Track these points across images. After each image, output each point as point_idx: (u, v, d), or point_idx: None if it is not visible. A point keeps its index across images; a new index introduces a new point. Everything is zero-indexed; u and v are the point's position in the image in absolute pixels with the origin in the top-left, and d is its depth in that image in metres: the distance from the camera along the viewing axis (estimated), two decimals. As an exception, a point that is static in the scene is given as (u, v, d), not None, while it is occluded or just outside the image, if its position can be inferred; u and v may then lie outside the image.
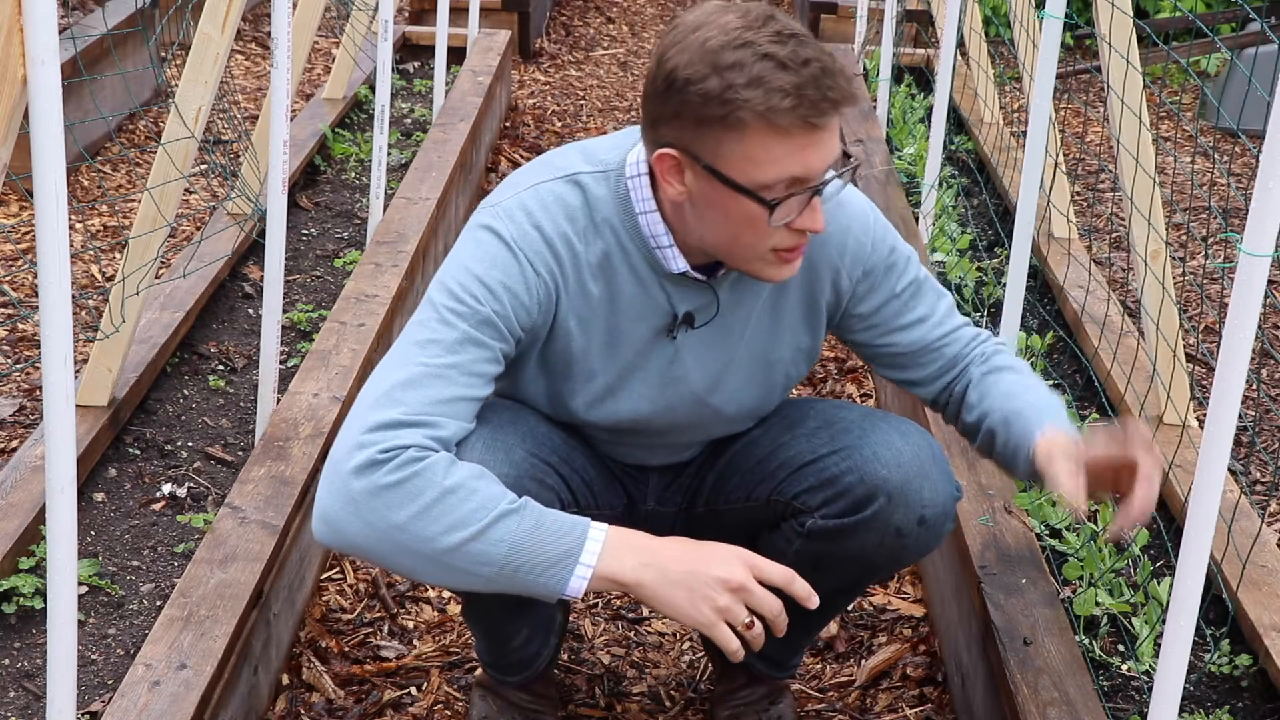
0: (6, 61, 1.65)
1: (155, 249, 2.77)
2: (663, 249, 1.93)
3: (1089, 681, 2.12)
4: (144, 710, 2.04)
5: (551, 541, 1.75)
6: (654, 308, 1.98)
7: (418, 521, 1.74)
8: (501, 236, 1.89)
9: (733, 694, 2.42)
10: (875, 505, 2.00)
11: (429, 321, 1.86)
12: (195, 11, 2.91)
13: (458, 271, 1.88)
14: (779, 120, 1.72)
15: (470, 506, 1.75)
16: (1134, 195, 2.96)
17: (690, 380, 2.05)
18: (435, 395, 1.82)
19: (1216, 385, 1.65)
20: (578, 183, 1.93)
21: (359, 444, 1.77)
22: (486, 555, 1.74)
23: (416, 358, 1.83)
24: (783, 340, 2.07)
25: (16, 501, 2.52)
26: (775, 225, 1.80)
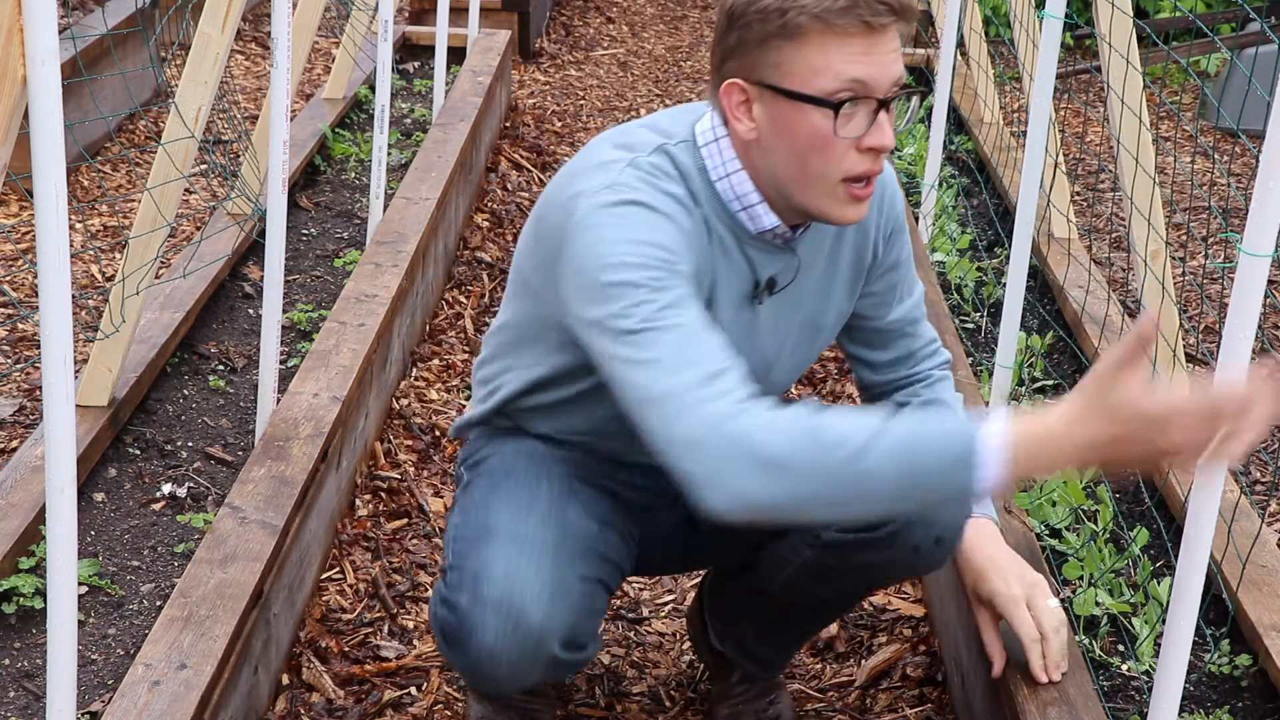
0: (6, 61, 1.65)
1: (155, 249, 2.77)
2: (752, 207, 1.89)
3: (1089, 681, 2.12)
4: (144, 710, 2.04)
5: (947, 441, 1.62)
6: (738, 275, 1.94)
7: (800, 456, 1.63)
8: (641, 202, 1.80)
9: (729, 692, 2.42)
10: (894, 524, 2.00)
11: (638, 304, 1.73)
12: (195, 11, 2.91)
13: (616, 247, 1.75)
14: (836, 20, 1.72)
15: (844, 426, 1.63)
16: (1134, 195, 2.96)
17: (764, 348, 2.02)
18: (711, 343, 1.73)
19: (1216, 385, 1.64)
20: (666, 152, 1.89)
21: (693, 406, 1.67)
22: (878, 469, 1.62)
23: (660, 330, 1.72)
24: (832, 305, 2.07)
25: (16, 501, 2.52)
26: (844, 137, 1.77)
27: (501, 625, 1.91)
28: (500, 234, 4.72)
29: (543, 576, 1.92)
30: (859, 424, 1.64)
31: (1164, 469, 1.64)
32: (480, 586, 1.92)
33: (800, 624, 2.34)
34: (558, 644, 1.93)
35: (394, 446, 3.35)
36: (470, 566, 1.95)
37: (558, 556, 1.94)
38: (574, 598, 1.94)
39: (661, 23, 8.08)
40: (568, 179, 1.91)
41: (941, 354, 2.23)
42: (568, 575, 1.94)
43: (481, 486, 2.08)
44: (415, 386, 3.65)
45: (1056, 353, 3.50)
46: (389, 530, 3.02)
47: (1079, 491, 2.67)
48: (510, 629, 1.91)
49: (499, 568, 1.92)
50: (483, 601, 1.91)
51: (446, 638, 1.98)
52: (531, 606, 1.90)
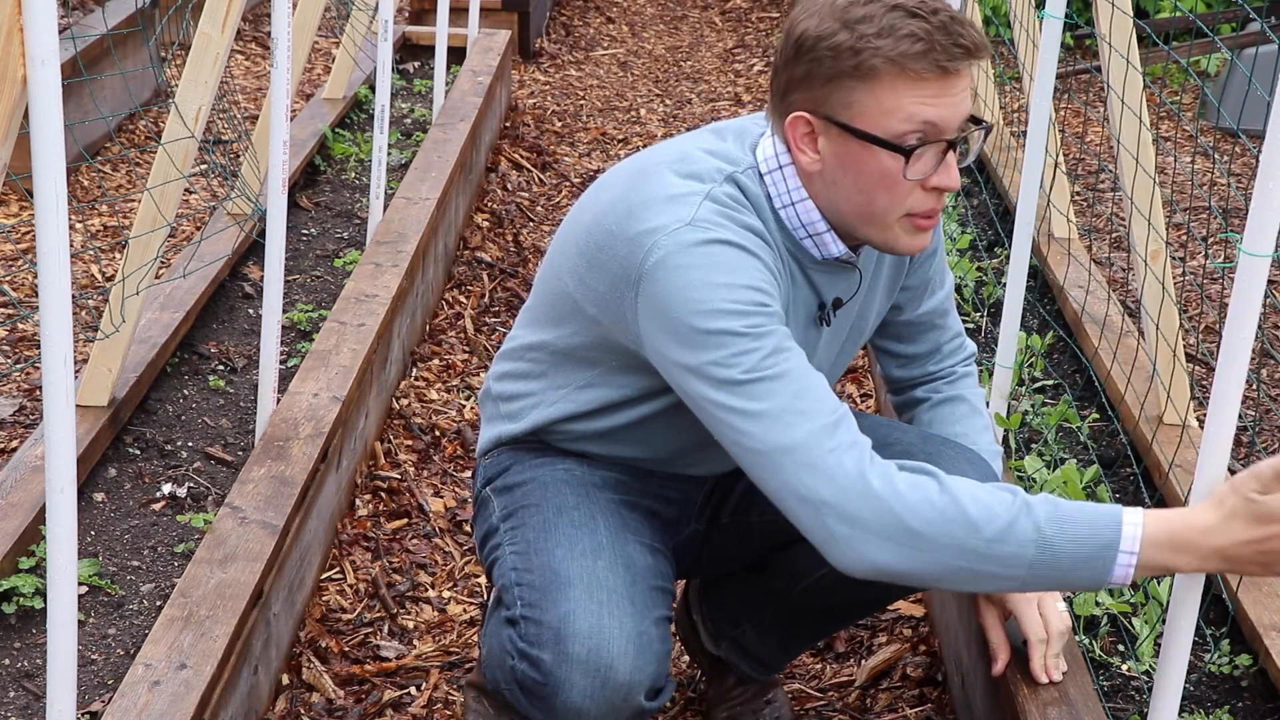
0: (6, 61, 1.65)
1: (155, 249, 2.77)
2: (819, 235, 1.89)
3: (1089, 681, 2.12)
4: (144, 710, 2.04)
5: (1086, 535, 1.67)
6: (803, 298, 1.95)
7: (936, 529, 1.68)
8: (728, 241, 1.78)
9: (726, 694, 2.42)
10: None
11: (744, 353, 1.74)
12: (195, 11, 2.91)
13: (712, 292, 1.75)
14: (911, 65, 1.71)
15: (982, 505, 1.69)
16: (1134, 195, 2.95)
17: (824, 362, 2.03)
18: (821, 386, 1.76)
19: (1216, 385, 1.64)
20: (734, 181, 1.86)
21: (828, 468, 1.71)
22: (1017, 557, 1.68)
23: (770, 380, 1.74)
24: (874, 307, 2.08)
25: (16, 501, 2.52)
26: (911, 179, 1.77)
27: (590, 683, 1.86)
28: (500, 234, 4.72)
29: (626, 630, 1.87)
30: (1001, 502, 1.68)
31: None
32: (565, 644, 1.86)
33: (810, 628, 2.34)
34: (643, 695, 1.90)
35: (394, 446, 3.35)
36: (549, 621, 1.89)
37: (635, 603, 1.91)
38: (655, 646, 1.91)
39: (661, 23, 8.08)
40: (634, 209, 1.83)
41: (966, 348, 2.24)
42: (645, 622, 1.90)
43: (534, 525, 2.02)
44: (415, 386, 3.65)
45: (1056, 353, 3.50)
46: (389, 530, 3.02)
47: (1079, 491, 2.67)
48: (599, 686, 1.86)
49: (583, 623, 1.87)
50: (569, 659, 1.86)
51: (528, 692, 1.92)
52: (619, 662, 1.86)
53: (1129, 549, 1.66)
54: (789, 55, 1.79)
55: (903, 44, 1.71)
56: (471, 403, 3.61)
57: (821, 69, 1.75)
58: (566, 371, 2.03)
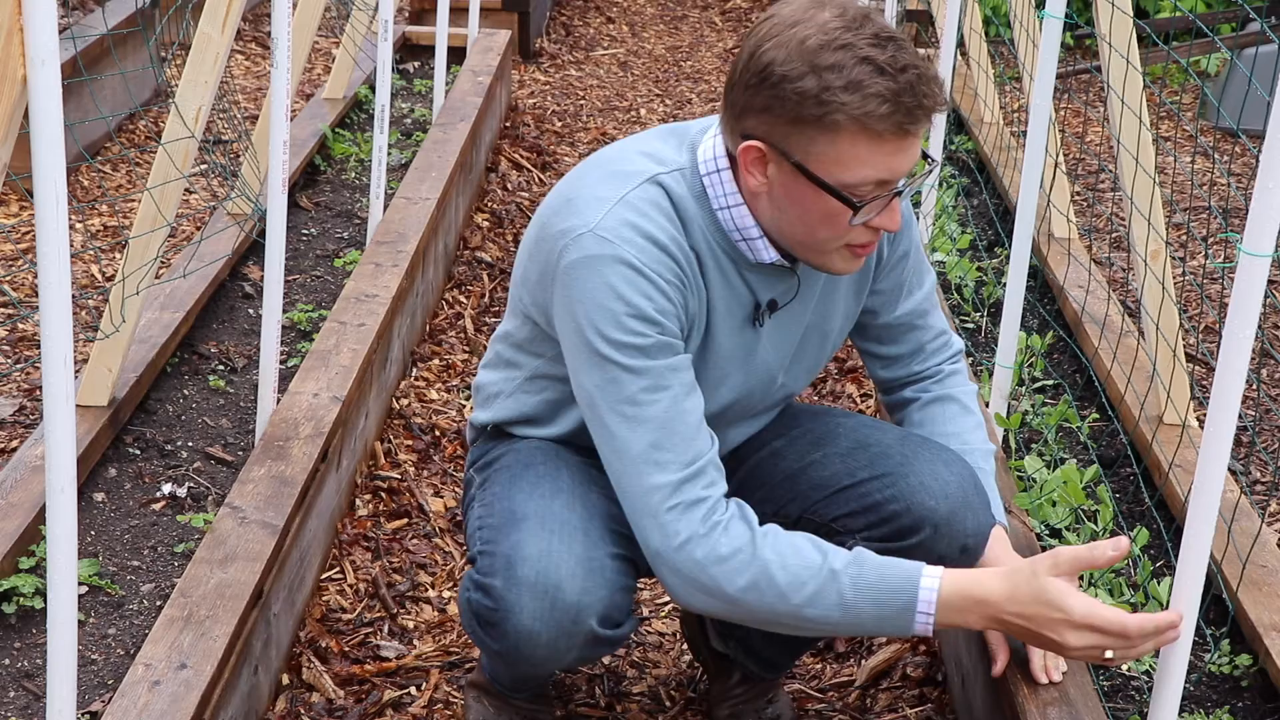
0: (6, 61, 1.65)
1: (155, 249, 2.77)
2: (751, 240, 1.93)
3: (1089, 681, 2.12)
4: (144, 710, 2.04)
5: (885, 599, 1.86)
6: (738, 300, 1.98)
7: (749, 594, 1.86)
8: (626, 261, 1.85)
9: (728, 693, 2.42)
10: (921, 535, 2.02)
11: (618, 379, 1.87)
12: (195, 11, 2.91)
13: (602, 317, 1.86)
14: (874, 125, 1.74)
15: (791, 574, 1.86)
16: (1134, 195, 2.95)
17: (769, 363, 2.06)
18: (684, 435, 1.88)
19: (1216, 385, 1.65)
20: (659, 183, 1.92)
21: (663, 525, 1.87)
22: (824, 618, 1.87)
23: (640, 417, 1.88)
24: (838, 310, 2.10)
25: (16, 501, 2.52)
26: (856, 224, 1.82)
27: (538, 605, 1.92)
28: (500, 234, 4.72)
29: (575, 553, 1.94)
30: (809, 568, 1.86)
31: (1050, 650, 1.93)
32: (515, 568, 1.94)
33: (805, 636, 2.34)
34: (595, 620, 1.94)
35: (394, 446, 3.35)
36: (502, 550, 1.96)
37: (588, 534, 1.97)
38: (608, 573, 1.96)
39: (661, 23, 8.08)
40: (560, 206, 1.93)
41: (952, 345, 2.25)
42: (599, 552, 1.96)
43: (501, 480, 2.10)
44: (415, 386, 3.65)
45: (1056, 353, 3.50)
46: (389, 530, 3.02)
47: (1079, 491, 2.67)
48: (548, 608, 1.92)
49: (532, 548, 1.94)
50: (518, 582, 1.93)
51: (482, 621, 1.99)
52: (567, 582, 1.92)
53: (925, 610, 1.85)
54: (750, 81, 1.80)
55: (869, 103, 1.73)
56: (472, 402, 3.61)
57: (784, 108, 1.78)
58: (521, 361, 2.12)
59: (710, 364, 2.02)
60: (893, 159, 1.78)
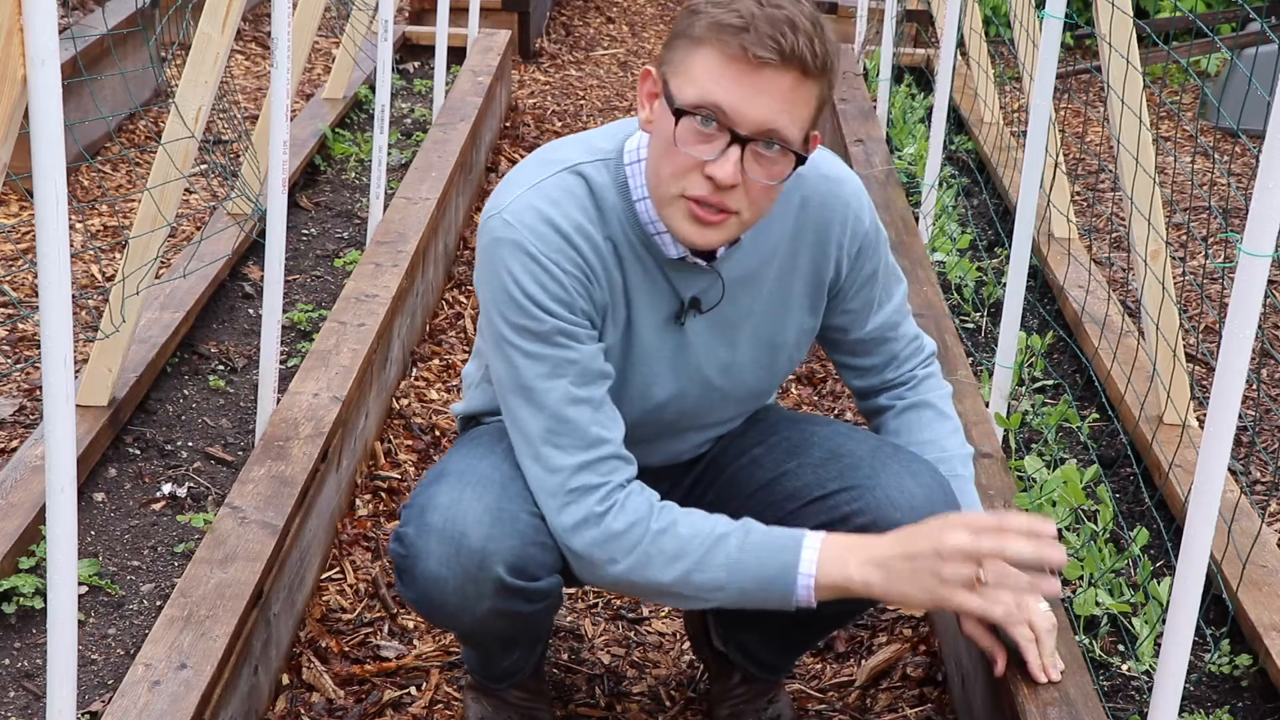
0: (6, 61, 1.65)
1: (155, 249, 2.77)
2: (661, 234, 1.94)
3: (1089, 681, 2.12)
4: (144, 710, 2.04)
5: (768, 559, 1.88)
6: (661, 295, 1.98)
7: (641, 566, 1.90)
8: (525, 249, 1.87)
9: (729, 693, 2.42)
10: None
11: (516, 363, 1.91)
12: (195, 11, 2.91)
13: (506, 300, 1.89)
14: (723, 37, 1.73)
15: (681, 541, 1.90)
16: (1134, 195, 2.95)
17: (701, 365, 2.05)
18: (581, 421, 1.91)
19: (1216, 385, 1.65)
20: (579, 172, 1.93)
21: (561, 506, 1.92)
22: (712, 581, 1.89)
23: (538, 401, 1.92)
24: (790, 322, 2.08)
25: (16, 501, 2.52)
26: (684, 151, 1.78)
27: (444, 549, 1.94)
28: (500, 234, 4.72)
29: (485, 502, 1.95)
30: (698, 534, 1.90)
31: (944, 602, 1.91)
32: (425, 516, 1.97)
33: (807, 633, 2.34)
34: (503, 568, 1.94)
35: (394, 446, 3.35)
36: (418, 501, 2.00)
37: (505, 490, 1.98)
38: (519, 524, 1.95)
39: (661, 23, 8.07)
40: (500, 185, 1.98)
41: (924, 348, 2.23)
42: (513, 505, 1.96)
43: (449, 452, 2.15)
44: (415, 386, 3.65)
45: (1056, 353, 3.50)
46: (389, 530, 3.02)
47: (1079, 491, 2.67)
48: (453, 553, 1.94)
49: (444, 498, 1.97)
50: (427, 529, 1.96)
51: (398, 571, 2.03)
52: (473, 528, 1.93)
53: (809, 562, 1.87)
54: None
55: (727, 16, 1.73)
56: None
57: (675, 26, 1.82)
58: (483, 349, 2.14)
59: (637, 360, 2.02)
60: (736, 87, 1.74)
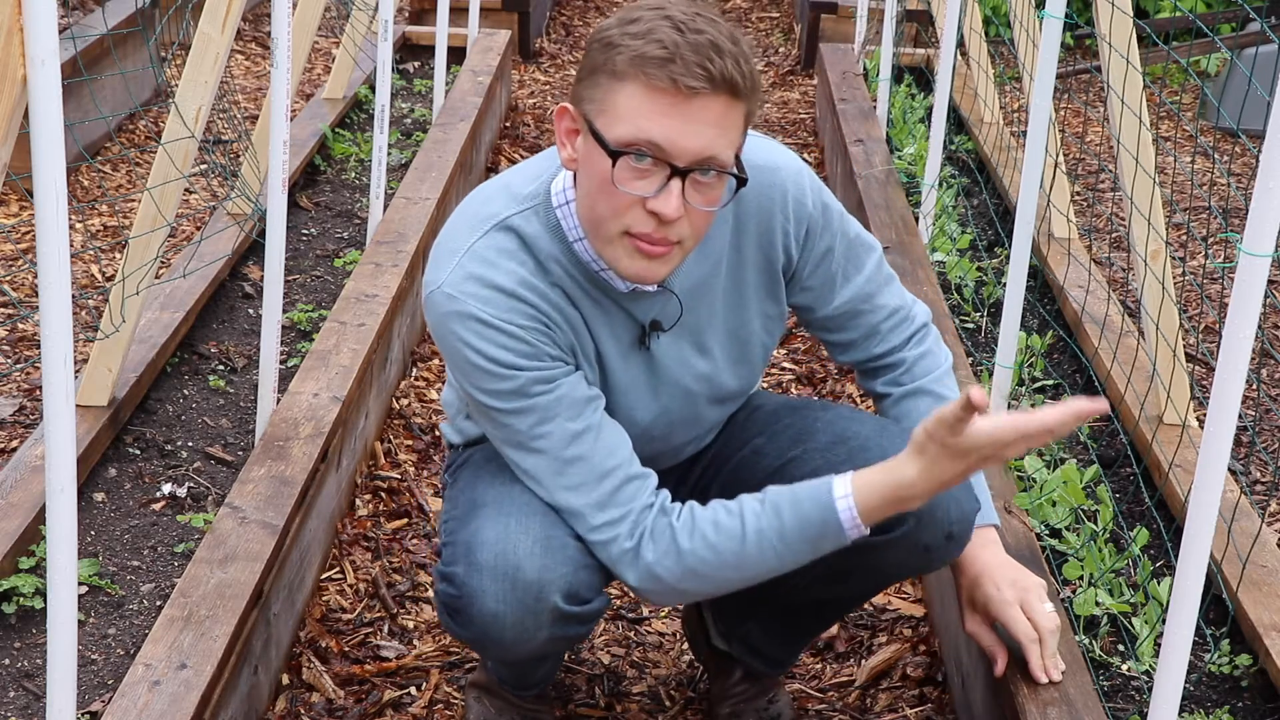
0: (6, 61, 1.65)
1: (155, 249, 2.77)
2: (605, 271, 1.92)
3: (1089, 681, 2.12)
4: (144, 710, 2.04)
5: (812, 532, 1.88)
6: (620, 324, 1.98)
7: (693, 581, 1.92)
8: (473, 315, 1.86)
9: (729, 691, 2.42)
10: (904, 527, 2.00)
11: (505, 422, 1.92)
12: (195, 11, 2.91)
13: (470, 372, 1.89)
14: (649, 70, 1.70)
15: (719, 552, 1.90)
16: (1134, 195, 2.95)
17: (678, 380, 2.05)
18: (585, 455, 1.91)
19: (1216, 385, 1.65)
20: (509, 227, 1.90)
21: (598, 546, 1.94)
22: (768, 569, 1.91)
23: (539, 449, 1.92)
24: (750, 312, 2.06)
25: (16, 501, 2.52)
26: (623, 190, 1.76)
27: (499, 587, 1.93)
28: (500, 234, 4.71)
29: (533, 533, 1.94)
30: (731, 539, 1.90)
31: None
32: (474, 554, 1.95)
33: (810, 621, 2.34)
34: (559, 596, 1.94)
35: (394, 446, 3.35)
36: (462, 539, 1.98)
37: (547, 514, 1.96)
38: (569, 551, 1.95)
39: (661, 23, 8.07)
40: (431, 253, 1.95)
41: (913, 321, 2.18)
42: (559, 531, 1.96)
43: (466, 476, 2.12)
44: (415, 386, 3.65)
45: (1056, 353, 3.50)
46: (389, 530, 3.02)
47: (1079, 491, 2.67)
48: (509, 588, 1.92)
49: (489, 533, 1.95)
50: (479, 568, 1.94)
51: (450, 611, 2.00)
52: (526, 561, 1.92)
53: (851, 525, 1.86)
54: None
55: (650, 48, 1.70)
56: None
57: (589, 61, 1.78)
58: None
59: (614, 391, 2.01)
60: (667, 119, 1.71)
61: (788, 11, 8.01)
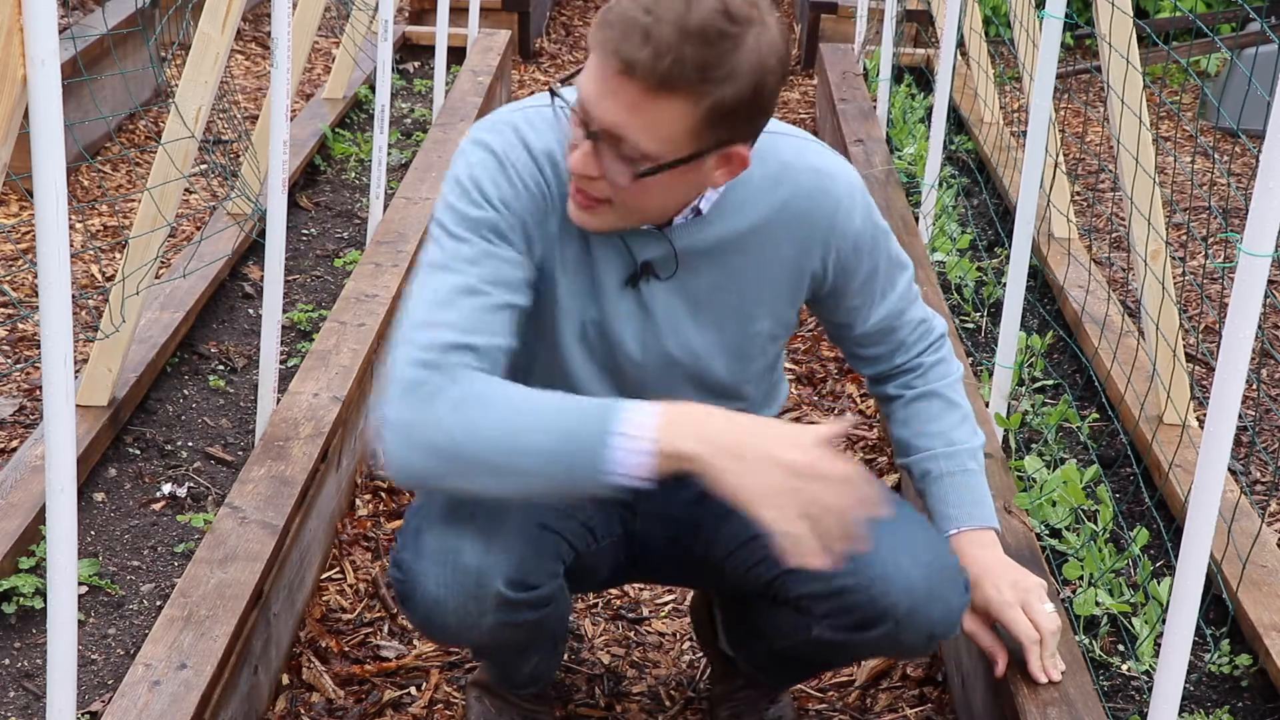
0: (6, 61, 1.65)
1: (155, 249, 2.77)
2: None
3: (1089, 681, 2.12)
4: (144, 710, 2.04)
5: (590, 415, 1.74)
6: (618, 253, 1.94)
7: (460, 428, 1.75)
8: (490, 148, 1.87)
9: (732, 695, 2.42)
10: (884, 628, 1.97)
11: (441, 240, 1.86)
12: (195, 11, 2.92)
13: (454, 187, 1.88)
14: (599, 29, 1.71)
15: (507, 405, 1.76)
16: (1134, 195, 2.96)
17: (661, 336, 2.00)
18: (472, 310, 1.81)
19: (1216, 385, 1.65)
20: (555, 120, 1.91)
21: (402, 373, 1.78)
22: (533, 445, 1.73)
23: (442, 280, 1.83)
24: (763, 311, 2.03)
25: (16, 501, 2.52)
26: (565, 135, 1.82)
27: (440, 571, 1.93)
28: (500, 234, 4.72)
29: (478, 524, 1.94)
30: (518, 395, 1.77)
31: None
32: (420, 539, 1.96)
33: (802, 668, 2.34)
34: (501, 582, 1.93)
35: (394, 446, 3.34)
36: (413, 525, 2.00)
37: (500, 512, 1.96)
38: (513, 537, 1.95)
39: (661, 23, 8.07)
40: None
41: (933, 331, 2.17)
42: (509, 521, 1.95)
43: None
44: (415, 386, 3.64)
45: (1056, 353, 3.50)
46: (389, 530, 3.02)
47: (1079, 491, 2.67)
48: (451, 572, 1.93)
49: (437, 520, 1.96)
50: (423, 553, 1.95)
51: (400, 599, 2.02)
52: (469, 546, 1.92)
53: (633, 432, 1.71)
54: None
55: (614, 11, 1.70)
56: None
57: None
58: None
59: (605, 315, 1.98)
60: (592, 84, 1.72)
61: (788, 11, 8.01)
